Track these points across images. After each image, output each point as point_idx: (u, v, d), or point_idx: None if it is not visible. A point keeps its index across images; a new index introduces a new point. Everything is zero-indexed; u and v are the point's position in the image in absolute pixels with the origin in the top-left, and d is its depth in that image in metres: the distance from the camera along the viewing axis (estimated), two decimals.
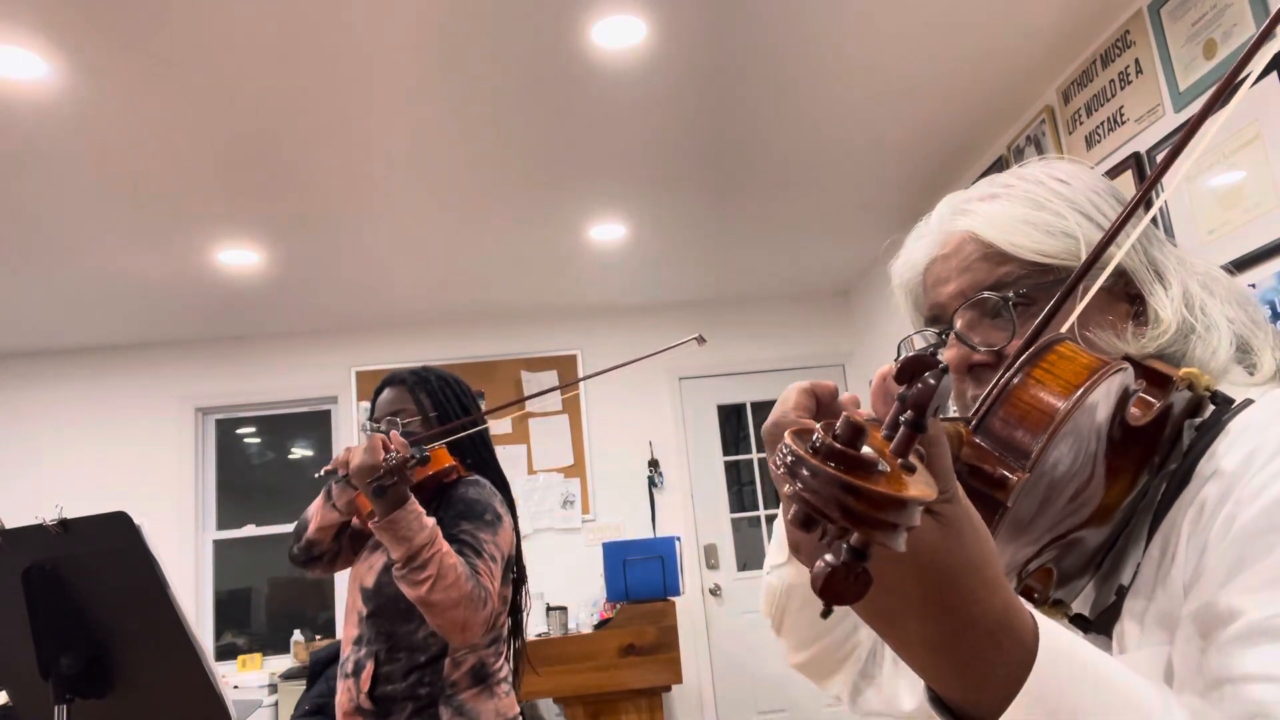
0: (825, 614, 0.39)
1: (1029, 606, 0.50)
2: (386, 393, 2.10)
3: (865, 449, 0.40)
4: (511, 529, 2.02)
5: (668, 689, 4.48)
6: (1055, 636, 0.49)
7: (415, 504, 1.77)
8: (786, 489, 0.40)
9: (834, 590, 0.38)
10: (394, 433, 1.86)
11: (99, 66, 2.79)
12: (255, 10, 2.61)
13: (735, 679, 5.42)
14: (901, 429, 0.41)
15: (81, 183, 3.51)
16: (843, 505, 0.38)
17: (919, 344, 0.85)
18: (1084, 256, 0.73)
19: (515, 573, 2.07)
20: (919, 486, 0.40)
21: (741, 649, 5.45)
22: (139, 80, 2.89)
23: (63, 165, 3.36)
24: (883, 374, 0.50)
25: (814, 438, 0.40)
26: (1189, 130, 0.55)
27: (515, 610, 2.09)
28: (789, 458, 0.40)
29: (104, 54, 2.74)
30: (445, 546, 1.78)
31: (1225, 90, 0.53)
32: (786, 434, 0.42)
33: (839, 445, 0.39)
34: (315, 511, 2.05)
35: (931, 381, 0.40)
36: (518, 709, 2.00)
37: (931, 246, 0.82)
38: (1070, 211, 0.76)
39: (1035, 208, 0.77)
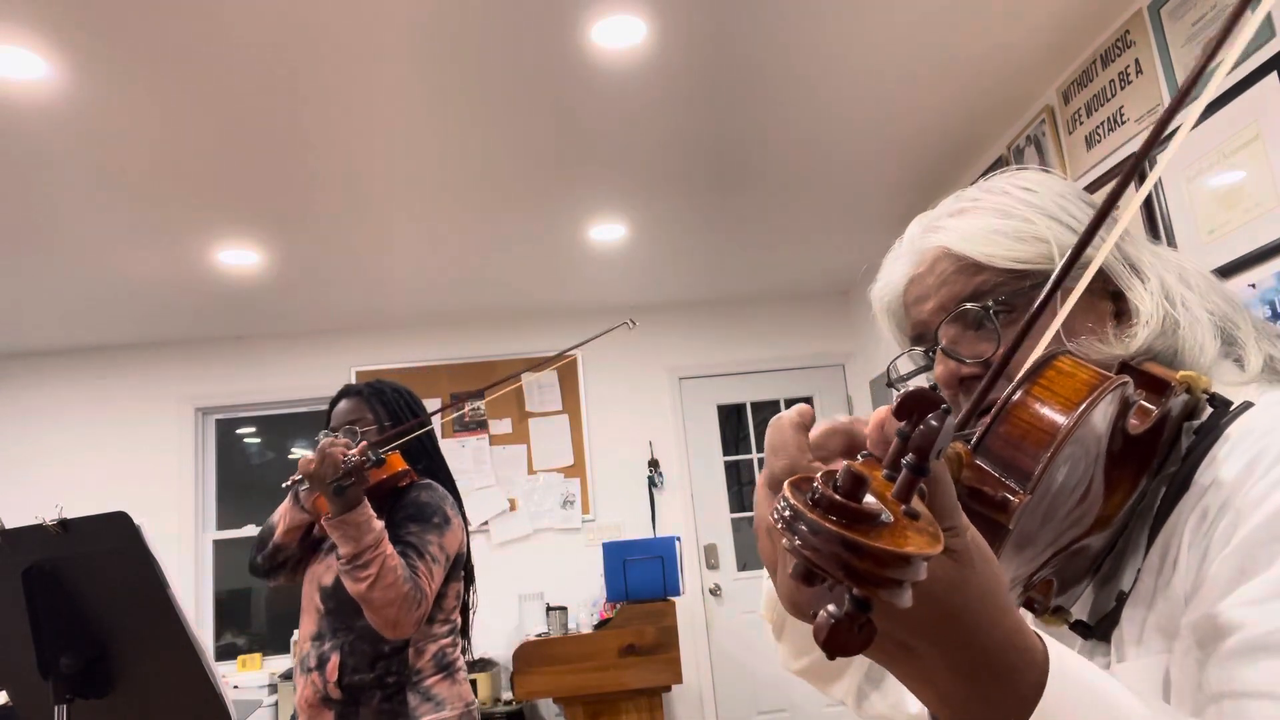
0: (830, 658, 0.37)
1: (1036, 628, 0.50)
2: (343, 404, 2.21)
3: (868, 498, 0.38)
4: (461, 530, 2.13)
5: (668, 689, 4.47)
6: (1065, 660, 0.48)
7: (367, 507, 1.90)
8: (785, 543, 0.38)
9: (838, 642, 0.36)
10: (346, 440, 1.98)
11: (99, 66, 2.79)
12: (256, 11, 2.61)
13: (735, 679, 5.42)
14: (904, 473, 0.39)
15: (81, 183, 3.51)
16: (844, 564, 0.36)
17: (906, 366, 0.85)
18: (1058, 259, 0.73)
19: (465, 571, 2.19)
20: (923, 539, 0.38)
21: (741, 649, 5.45)
22: (139, 80, 2.89)
23: (63, 165, 3.36)
24: (880, 419, 0.47)
25: (814, 489, 0.38)
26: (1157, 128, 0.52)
27: (464, 606, 2.21)
28: (787, 511, 0.38)
29: (104, 54, 2.74)
30: (389, 550, 1.91)
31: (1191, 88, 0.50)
32: (785, 485, 0.39)
33: (840, 498, 0.37)
34: (282, 515, 2.14)
35: (934, 424, 0.39)
36: (473, 694, 2.12)
37: (907, 266, 0.83)
38: (1039, 216, 0.76)
39: (1003, 216, 0.77)
